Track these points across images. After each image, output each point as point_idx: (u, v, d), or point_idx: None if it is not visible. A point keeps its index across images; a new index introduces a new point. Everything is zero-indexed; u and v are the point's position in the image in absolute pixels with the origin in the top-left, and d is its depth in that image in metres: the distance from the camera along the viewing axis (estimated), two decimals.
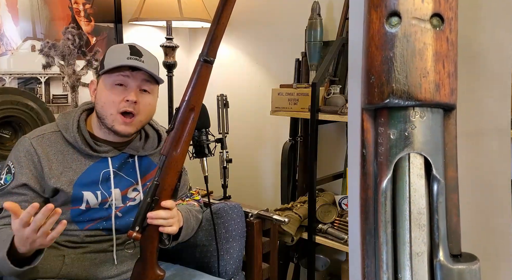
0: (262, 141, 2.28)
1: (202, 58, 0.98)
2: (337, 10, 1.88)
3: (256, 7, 2.20)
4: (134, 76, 1.16)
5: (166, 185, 1.06)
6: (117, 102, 1.15)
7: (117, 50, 1.21)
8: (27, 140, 1.18)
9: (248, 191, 2.32)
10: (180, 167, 1.07)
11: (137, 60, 1.15)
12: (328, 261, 1.90)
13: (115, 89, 1.16)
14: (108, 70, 1.15)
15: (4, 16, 1.80)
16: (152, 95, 1.22)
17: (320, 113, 1.63)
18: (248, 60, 2.29)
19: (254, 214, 1.50)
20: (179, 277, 1.32)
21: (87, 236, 1.20)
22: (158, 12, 1.96)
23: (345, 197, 1.78)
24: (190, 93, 1.01)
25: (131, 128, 1.18)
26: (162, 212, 1.06)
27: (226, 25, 0.96)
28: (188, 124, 1.04)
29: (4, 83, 1.82)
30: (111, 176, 1.21)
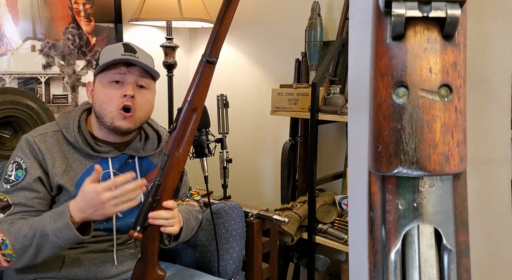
0: (262, 141, 2.28)
1: (204, 58, 0.98)
2: (337, 10, 1.88)
3: (256, 7, 2.20)
4: (130, 71, 1.17)
5: (168, 185, 1.06)
6: (115, 99, 1.15)
7: (111, 48, 1.21)
8: (30, 138, 1.18)
9: (248, 191, 2.32)
10: (182, 167, 1.07)
11: (131, 56, 1.16)
12: (328, 261, 1.90)
13: (112, 86, 1.16)
14: (104, 68, 1.16)
15: (4, 16, 1.80)
16: (149, 90, 1.22)
17: (320, 113, 1.63)
18: (248, 60, 2.29)
19: (254, 214, 1.50)
20: (180, 277, 1.32)
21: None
22: (158, 12, 1.96)
23: (345, 197, 1.78)
24: (192, 93, 1.01)
25: (130, 123, 1.18)
26: (164, 212, 1.06)
27: (229, 26, 0.96)
28: (190, 124, 1.04)
29: (4, 83, 1.82)
30: (111, 177, 1.21)
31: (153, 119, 1.35)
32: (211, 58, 0.98)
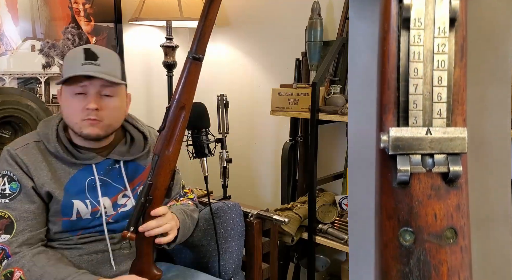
0: (262, 141, 2.28)
1: (190, 55, 0.98)
2: (337, 10, 1.88)
3: (256, 7, 2.20)
4: (91, 83, 1.12)
5: (159, 184, 1.06)
6: (78, 111, 1.12)
7: (71, 56, 1.17)
8: (12, 151, 1.15)
9: (248, 191, 2.32)
10: (173, 166, 1.07)
11: (92, 64, 1.11)
12: (328, 261, 1.90)
13: (75, 98, 1.13)
14: (66, 80, 1.11)
15: (4, 16, 1.80)
16: (116, 97, 1.16)
17: (320, 113, 1.63)
18: (248, 60, 2.29)
19: (254, 214, 1.50)
20: (181, 277, 1.32)
21: (81, 238, 1.20)
22: (158, 12, 1.95)
23: (345, 197, 1.78)
24: (180, 91, 1.01)
25: (99, 129, 1.14)
26: (152, 222, 1.06)
27: (214, 21, 0.95)
28: (179, 122, 1.03)
29: (4, 83, 1.82)
30: (97, 184, 1.19)
31: (138, 120, 1.32)
32: (197, 54, 0.97)
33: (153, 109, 2.28)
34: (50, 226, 1.17)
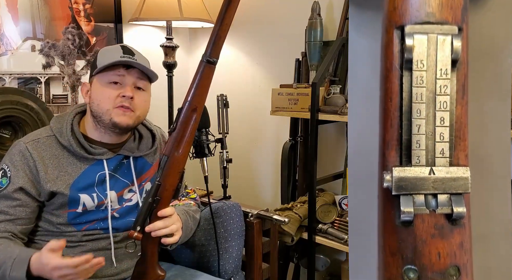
0: (262, 141, 2.28)
1: (205, 58, 0.98)
2: (337, 10, 1.88)
3: (256, 7, 2.20)
4: (128, 73, 1.18)
5: (168, 185, 1.06)
6: (113, 98, 1.16)
7: (109, 50, 1.23)
8: (22, 144, 1.18)
9: (248, 191, 2.32)
10: (182, 167, 1.07)
11: (130, 58, 1.17)
12: (328, 261, 1.90)
13: (110, 86, 1.18)
14: (103, 70, 1.16)
15: (4, 16, 1.80)
16: (146, 92, 1.24)
17: (320, 113, 1.63)
18: (248, 60, 2.29)
19: (254, 214, 1.50)
20: (181, 277, 1.32)
21: (85, 235, 1.20)
22: (158, 12, 1.95)
23: (345, 197, 1.78)
24: (192, 93, 1.02)
25: (129, 119, 1.18)
26: (159, 222, 1.07)
27: (230, 26, 0.96)
28: (190, 124, 1.04)
29: (4, 83, 1.82)
30: (107, 178, 1.22)
31: (147, 119, 1.35)
32: (211, 58, 0.98)
33: (153, 109, 2.27)
34: (54, 219, 1.18)
